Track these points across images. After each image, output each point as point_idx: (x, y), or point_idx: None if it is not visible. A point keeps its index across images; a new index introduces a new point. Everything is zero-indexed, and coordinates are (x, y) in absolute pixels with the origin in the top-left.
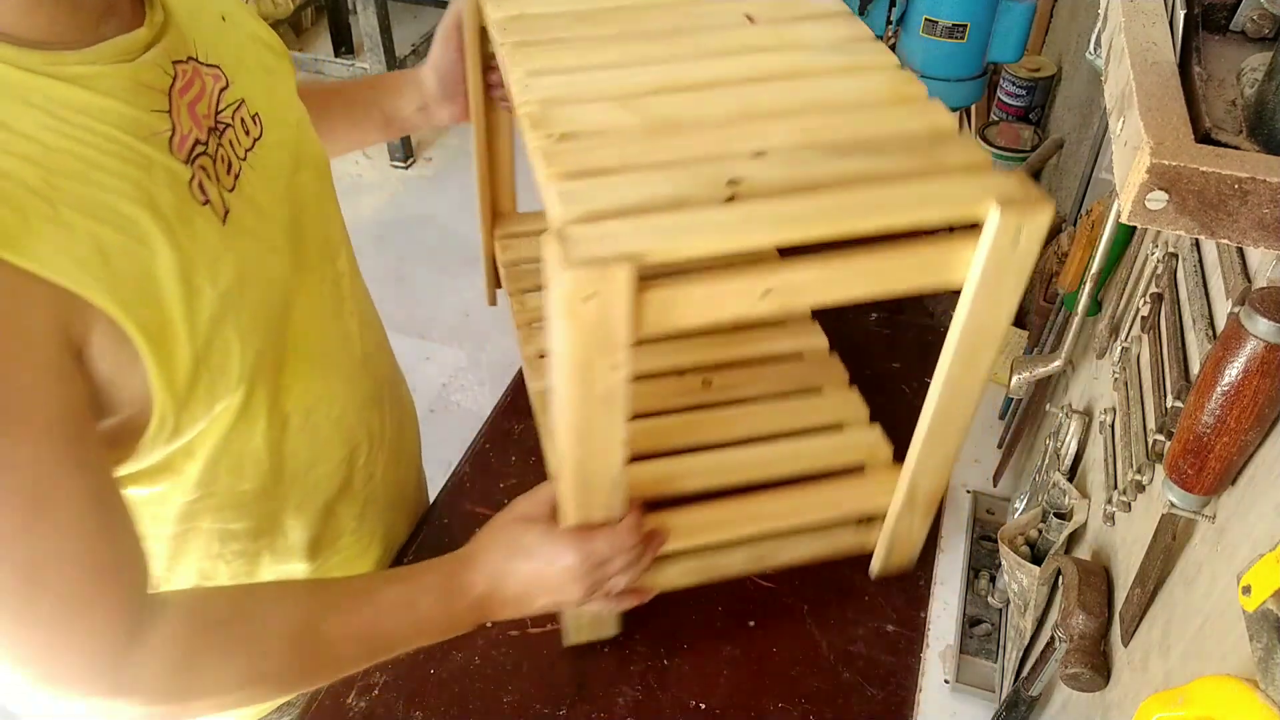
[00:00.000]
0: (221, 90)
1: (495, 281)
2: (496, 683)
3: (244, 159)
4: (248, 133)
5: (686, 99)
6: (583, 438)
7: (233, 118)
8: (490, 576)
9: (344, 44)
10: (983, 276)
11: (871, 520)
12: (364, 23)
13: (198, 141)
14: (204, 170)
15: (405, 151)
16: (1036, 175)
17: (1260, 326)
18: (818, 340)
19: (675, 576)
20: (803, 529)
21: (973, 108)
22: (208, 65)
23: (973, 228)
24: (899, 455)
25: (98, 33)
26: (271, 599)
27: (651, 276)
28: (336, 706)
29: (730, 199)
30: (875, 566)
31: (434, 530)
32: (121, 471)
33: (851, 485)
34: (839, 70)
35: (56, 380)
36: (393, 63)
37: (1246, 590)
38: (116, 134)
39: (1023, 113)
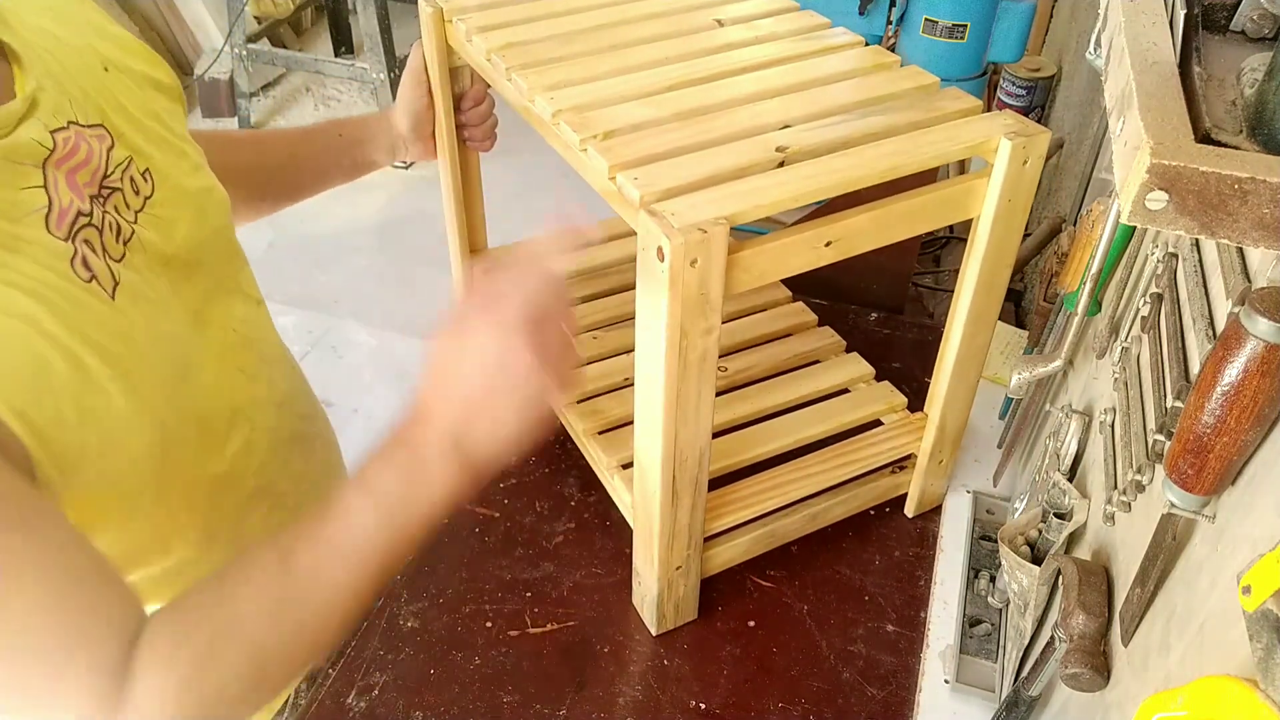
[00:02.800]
0: (108, 150)
1: None
2: (496, 683)
3: (135, 222)
4: (137, 192)
5: (699, 92)
6: (678, 408)
7: (121, 179)
8: (443, 415)
9: (344, 44)
10: (1000, 200)
11: (904, 465)
12: (364, 23)
13: (80, 214)
14: (88, 244)
15: None
16: None
17: (1260, 326)
18: (806, 317)
19: (744, 547)
20: (846, 483)
21: None
22: (89, 126)
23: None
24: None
25: None
26: (239, 577)
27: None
28: (337, 706)
29: (782, 164)
30: (910, 506)
31: (432, 530)
32: None
33: (884, 434)
34: (816, 52)
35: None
36: (393, 63)
37: (1246, 590)
38: None
39: (1023, 113)
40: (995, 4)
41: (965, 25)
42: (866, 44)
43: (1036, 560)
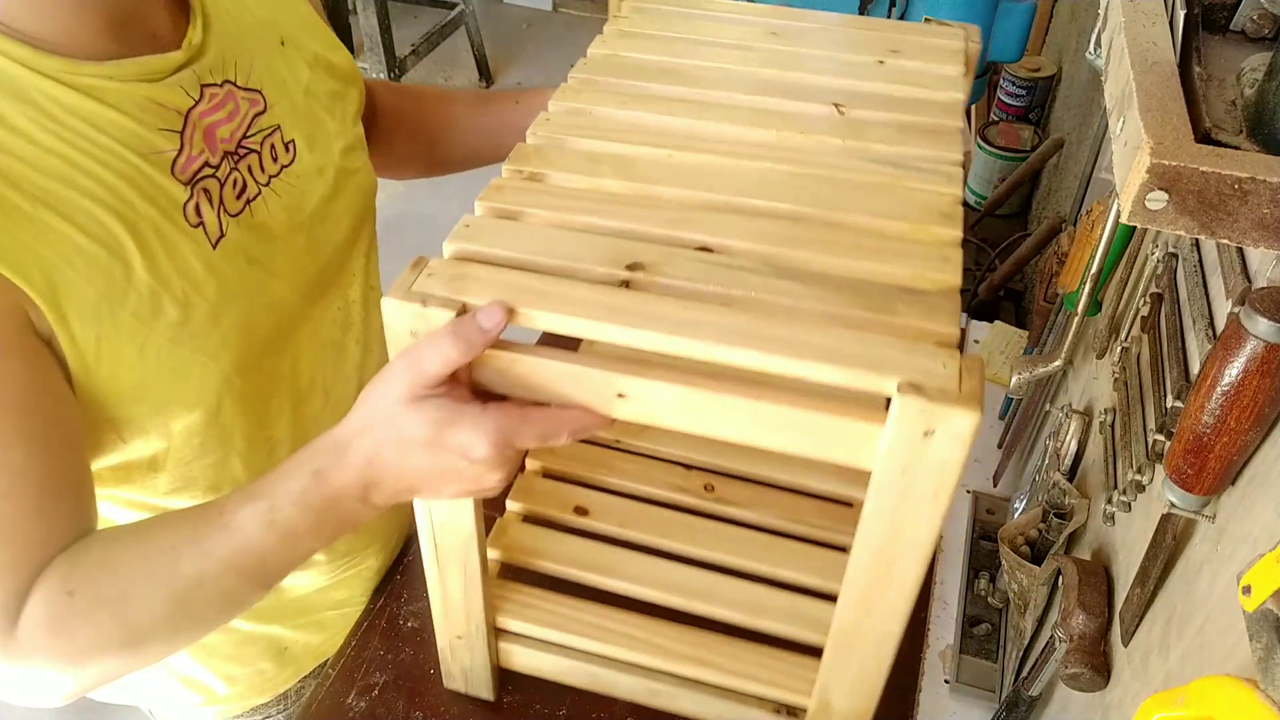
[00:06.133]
0: (256, 115)
1: None
2: (497, 682)
3: (266, 184)
4: (275, 159)
5: (684, 174)
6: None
7: (261, 144)
8: (366, 476)
9: (344, 44)
10: (889, 466)
11: (793, 714)
12: (364, 23)
13: (206, 164)
14: (206, 193)
15: None
16: (1036, 175)
17: (1260, 326)
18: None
19: (553, 666)
20: (708, 686)
21: (973, 108)
22: (246, 89)
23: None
24: None
25: (123, 47)
26: (137, 555)
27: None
28: (336, 706)
29: (624, 283)
30: None
31: None
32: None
33: (778, 663)
34: (881, 186)
35: (15, 358)
36: (393, 63)
37: (1246, 590)
38: (113, 145)
39: (1023, 113)
40: (995, 4)
41: None
42: (965, 200)
43: (1036, 560)
